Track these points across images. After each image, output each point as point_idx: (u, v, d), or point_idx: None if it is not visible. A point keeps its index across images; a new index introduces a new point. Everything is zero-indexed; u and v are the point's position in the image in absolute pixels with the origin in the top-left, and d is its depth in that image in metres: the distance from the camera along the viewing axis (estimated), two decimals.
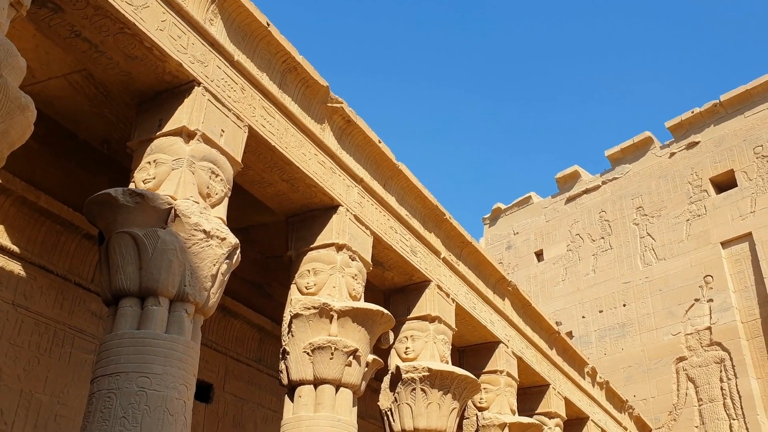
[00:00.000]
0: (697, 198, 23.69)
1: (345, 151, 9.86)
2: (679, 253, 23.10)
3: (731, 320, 20.73)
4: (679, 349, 21.43)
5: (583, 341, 23.78)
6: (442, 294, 11.61)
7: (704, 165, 24.10)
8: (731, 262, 21.93)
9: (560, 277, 26.20)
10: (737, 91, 24.04)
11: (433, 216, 11.98)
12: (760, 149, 22.82)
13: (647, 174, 25.70)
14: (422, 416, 10.10)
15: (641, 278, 23.67)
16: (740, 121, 23.86)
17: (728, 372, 20.09)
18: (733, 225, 22.26)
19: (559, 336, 15.92)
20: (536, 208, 28.99)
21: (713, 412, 19.88)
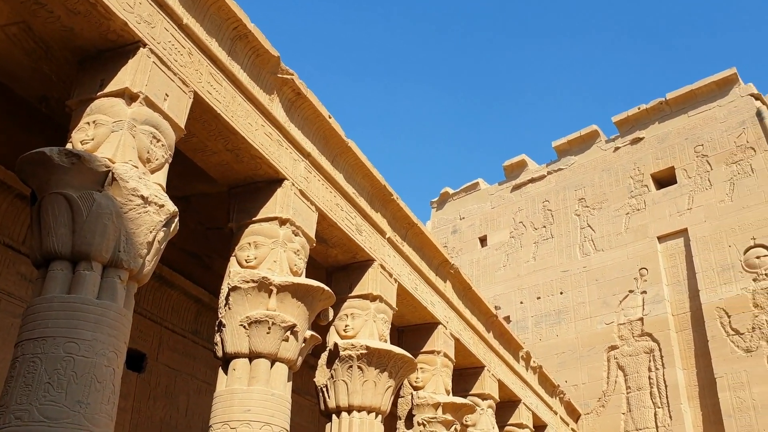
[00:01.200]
0: (638, 192, 24.33)
1: (293, 125, 9.73)
2: (617, 246, 23.73)
3: (662, 312, 21.45)
4: (612, 338, 22.10)
5: (520, 326, 24.29)
6: (385, 274, 11.64)
7: (647, 161, 24.74)
8: (666, 256, 22.64)
9: (502, 263, 26.63)
10: (683, 90, 24.70)
11: (380, 195, 11.96)
12: (701, 148, 23.53)
13: (591, 166, 26.25)
14: (357, 393, 10.15)
15: (579, 268, 24.25)
16: (684, 120, 24.55)
17: (656, 362, 20.82)
18: (670, 221, 22.96)
19: (496, 320, 16.19)
20: (483, 195, 29.33)
21: (640, 399, 20.61)
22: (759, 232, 20.67)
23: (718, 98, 24.07)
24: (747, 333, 19.41)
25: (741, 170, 22.22)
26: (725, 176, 22.45)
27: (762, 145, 22.07)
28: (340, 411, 10.19)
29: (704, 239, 21.72)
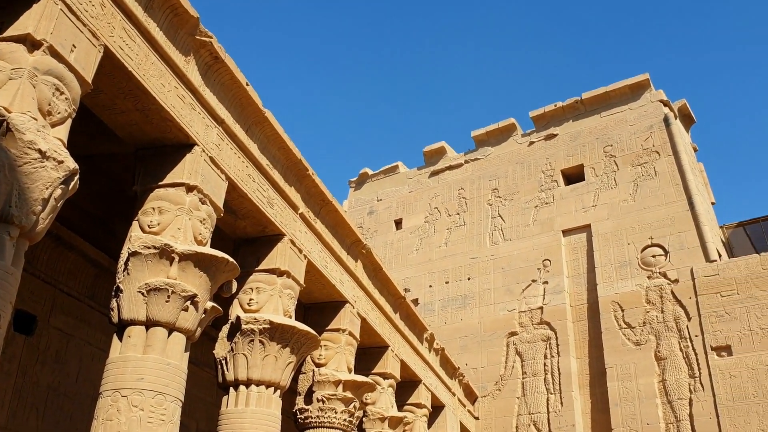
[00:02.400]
0: (548, 187, 25.12)
1: (209, 89, 9.44)
2: (525, 236, 24.47)
3: (561, 303, 22.32)
4: (513, 324, 22.83)
5: (427, 309, 24.72)
6: (295, 249, 11.54)
7: (558, 157, 25.55)
8: (569, 249, 23.52)
9: (415, 247, 26.97)
10: (597, 91, 25.58)
11: (295, 169, 11.81)
12: (610, 149, 24.48)
13: (507, 158, 26.88)
14: (257, 367, 10.06)
15: (487, 255, 24.88)
16: (596, 119, 25.45)
17: (553, 350, 21.67)
18: (576, 216, 23.84)
19: (404, 301, 16.40)
20: (401, 178, 29.53)
21: (534, 385, 21.44)
22: (657, 232, 21.75)
23: (630, 102, 25.06)
24: (638, 327, 20.45)
25: (645, 172, 23.26)
26: (630, 177, 23.46)
27: (666, 149, 23.16)
28: (239, 384, 10.07)
29: (605, 236, 22.68)
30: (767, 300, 18.72)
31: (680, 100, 25.34)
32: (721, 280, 19.65)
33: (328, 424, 12.23)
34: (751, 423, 17.55)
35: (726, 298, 19.36)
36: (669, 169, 22.81)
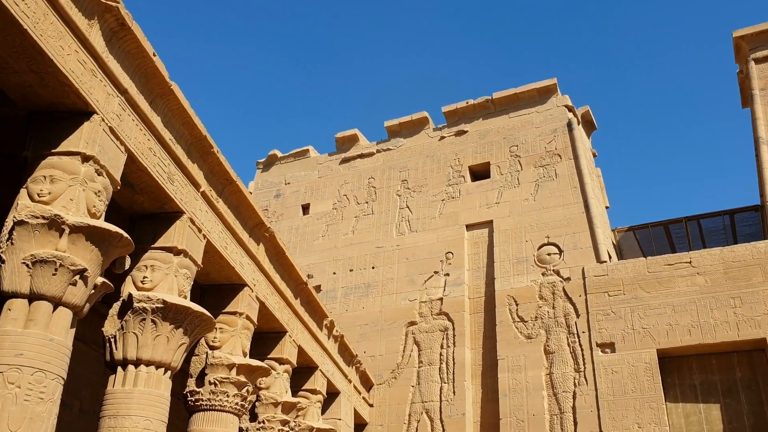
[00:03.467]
0: (455, 182, 25.64)
1: (113, 57, 9.04)
2: (430, 229, 24.90)
3: (460, 295, 22.89)
4: (412, 314, 23.22)
5: (330, 296, 24.76)
6: (194, 228, 11.26)
7: (467, 153, 26.12)
8: (471, 243, 24.12)
9: (321, 233, 26.90)
10: (508, 92, 26.29)
11: (199, 146, 11.52)
12: (516, 149, 25.24)
13: (417, 151, 27.23)
14: (148, 347, 9.77)
15: (393, 245, 25.16)
16: (504, 120, 26.17)
17: (449, 340, 22.20)
18: (479, 211, 24.47)
19: (306, 287, 16.34)
20: (311, 163, 29.35)
21: (429, 374, 21.91)
22: (553, 231, 22.64)
23: (537, 105, 25.90)
24: (530, 321, 21.25)
25: (546, 174, 24.13)
26: (532, 177, 24.28)
27: (567, 153, 24.10)
28: (127, 363, 9.75)
29: (506, 232, 23.40)
30: (650, 301, 19.84)
31: (584, 107, 26.41)
32: (610, 281, 20.69)
33: (219, 407, 12.05)
34: (628, 417, 18.62)
35: (613, 297, 20.40)
36: (569, 172, 23.76)
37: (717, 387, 19.00)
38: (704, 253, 20.03)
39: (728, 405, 18.68)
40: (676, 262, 20.21)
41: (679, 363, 19.51)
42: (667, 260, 20.38)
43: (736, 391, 18.75)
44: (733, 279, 19.24)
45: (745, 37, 23.45)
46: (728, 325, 18.71)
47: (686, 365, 19.48)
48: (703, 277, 19.64)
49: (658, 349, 19.18)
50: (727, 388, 18.87)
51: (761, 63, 22.99)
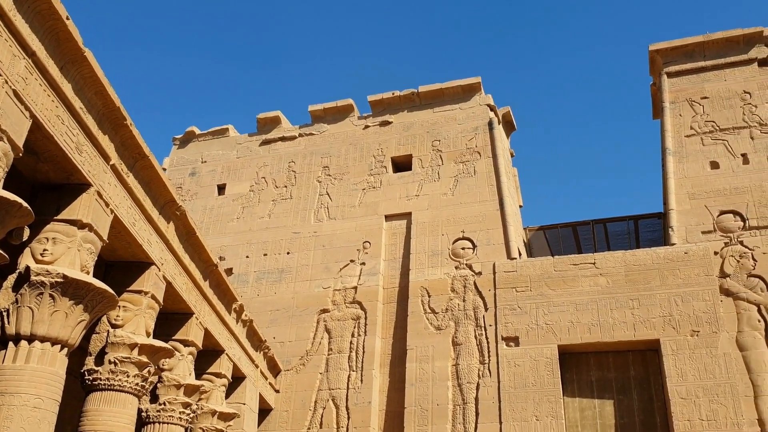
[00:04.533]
0: (377, 172, 25.73)
1: (21, 15, 8.55)
2: (349, 217, 24.90)
3: (375, 285, 23.02)
4: (325, 301, 23.18)
5: (241, 279, 24.39)
6: (101, 202, 10.84)
7: (390, 144, 26.25)
8: (389, 234, 24.29)
9: (236, 215, 26.44)
10: (433, 86, 26.55)
11: (112, 117, 11.08)
12: (438, 143, 25.55)
13: (341, 138, 27.14)
14: (44, 323, 9.35)
15: (310, 232, 25.02)
16: (429, 114, 26.44)
17: (360, 329, 22.31)
18: (399, 203, 24.66)
19: (216, 269, 16.03)
20: (230, 142, 28.77)
21: (338, 362, 21.96)
22: (468, 227, 23.08)
23: (461, 101, 26.29)
24: (441, 313, 21.62)
25: (466, 170, 24.56)
26: (452, 173, 24.66)
27: (487, 152, 24.60)
28: (20, 339, 9.31)
29: (423, 225, 23.69)
30: (555, 299, 20.55)
31: (505, 108, 26.99)
32: (518, 277, 21.30)
33: (118, 387, 11.68)
34: (527, 409, 19.27)
35: (520, 293, 21.02)
36: (487, 170, 24.27)
37: (612, 384, 19.91)
38: (608, 256, 20.90)
39: (621, 401, 19.62)
40: (581, 263, 21.00)
41: (578, 359, 20.33)
42: (573, 260, 21.16)
43: (629, 388, 19.71)
44: (633, 281, 20.17)
45: (660, 51, 24.52)
46: (626, 326, 19.62)
47: (584, 362, 20.32)
48: (605, 278, 20.50)
49: (559, 345, 19.91)
50: (621, 385, 19.81)
51: (673, 77, 24.11)
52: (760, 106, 22.47)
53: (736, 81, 23.28)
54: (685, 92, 23.68)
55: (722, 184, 21.39)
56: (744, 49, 23.68)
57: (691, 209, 21.24)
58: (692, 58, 24.18)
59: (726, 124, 22.52)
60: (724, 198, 21.09)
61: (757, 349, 18.49)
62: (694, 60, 24.12)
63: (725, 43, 23.84)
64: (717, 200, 21.13)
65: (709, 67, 23.81)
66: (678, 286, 19.72)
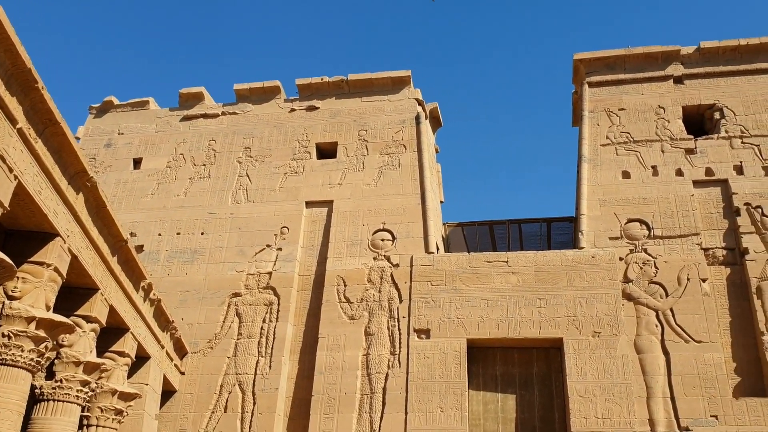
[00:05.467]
0: (300, 157, 25.45)
1: None
2: (268, 201, 24.53)
3: (290, 271, 22.79)
4: (238, 285, 22.78)
5: (152, 258, 23.65)
6: (4, 167, 10.24)
7: (316, 129, 26.01)
8: (309, 221, 24.08)
9: (151, 191, 25.59)
10: (363, 76, 26.47)
11: (22, 79, 10.47)
12: (364, 133, 25.52)
13: (265, 120, 26.68)
14: None
15: (227, 213, 24.50)
16: (357, 102, 26.35)
17: (273, 315, 22.04)
18: (321, 190, 24.49)
19: (125, 245, 15.46)
20: (150, 115, 27.80)
21: (247, 347, 21.64)
22: (389, 218, 23.19)
23: (390, 93, 26.33)
24: (356, 303, 21.65)
25: (390, 162, 24.64)
26: (377, 163, 24.69)
27: (412, 145, 24.76)
28: None
29: (344, 214, 23.63)
30: (468, 294, 20.93)
31: (433, 103, 27.21)
32: (434, 271, 21.58)
33: (10, 362, 11.09)
34: (432, 401, 19.57)
35: (435, 287, 21.30)
36: (411, 163, 24.43)
37: (516, 379, 20.50)
38: (520, 255, 21.46)
39: (523, 396, 20.23)
40: (494, 260, 21.48)
41: (485, 354, 20.81)
42: (488, 257, 21.61)
43: (531, 384, 20.35)
44: (542, 281, 20.80)
45: (584, 61, 25.29)
46: (532, 323, 20.22)
47: (491, 356, 20.83)
48: (516, 277, 21.04)
49: (468, 339, 20.32)
50: (524, 381, 20.43)
51: (594, 87, 24.93)
52: (673, 122, 23.55)
53: (652, 95, 24.31)
54: (604, 102, 24.54)
55: (632, 193, 22.31)
56: (662, 65, 24.74)
57: (600, 215, 22.06)
58: (613, 70, 25.07)
59: (640, 136, 23.49)
60: (633, 207, 22.02)
61: (652, 353, 19.44)
62: (615, 72, 25.01)
63: (645, 58, 24.83)
64: (626, 208, 22.04)
65: (629, 80, 24.75)
66: (584, 288, 20.47)
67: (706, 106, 23.88)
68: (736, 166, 22.20)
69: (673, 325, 19.71)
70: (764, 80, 23.78)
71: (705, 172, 22.32)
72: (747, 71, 24.02)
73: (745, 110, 23.28)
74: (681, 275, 20.38)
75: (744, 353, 19.37)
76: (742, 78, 23.99)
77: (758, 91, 23.56)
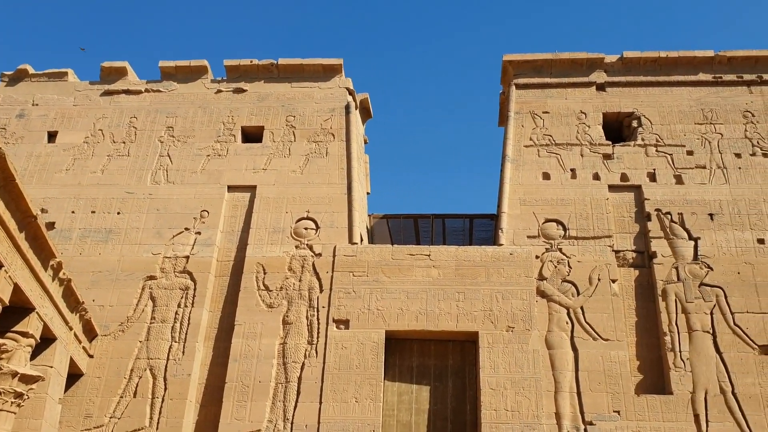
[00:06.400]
0: (225, 139, 24.92)
1: None
2: (189, 183, 23.91)
3: (209, 256, 22.29)
4: (154, 268, 22.12)
5: (64, 236, 22.66)
6: None
7: (242, 112, 25.53)
8: (230, 205, 23.62)
9: (66, 166, 24.51)
10: (294, 61, 26.14)
11: None
12: (293, 119, 25.23)
13: (190, 100, 25.98)
14: None
15: (145, 193, 23.74)
16: (286, 87, 26.02)
17: (188, 300, 21.52)
18: (245, 174, 24.05)
19: (35, 221, 14.74)
20: (68, 88, 26.60)
21: (161, 331, 21.05)
22: (314, 207, 23.03)
23: (320, 80, 26.13)
24: (275, 291, 21.40)
25: (318, 150, 24.46)
26: (304, 151, 24.46)
27: (341, 135, 24.66)
28: None
29: (268, 200, 23.31)
30: (389, 286, 21.04)
31: (364, 94, 27.16)
32: (357, 262, 21.59)
33: None
34: (348, 391, 19.61)
35: (357, 278, 21.32)
36: (339, 152, 24.33)
37: (431, 371, 20.80)
38: (442, 249, 21.75)
39: (437, 388, 20.55)
40: (417, 253, 21.68)
41: (402, 345, 21.00)
42: (410, 250, 21.79)
43: (446, 376, 20.69)
44: (462, 276, 21.14)
45: (513, 63, 25.81)
46: (450, 316, 20.54)
47: (408, 348, 21.05)
48: (437, 270, 21.32)
49: (387, 330, 20.44)
50: (439, 373, 20.75)
51: (521, 89, 25.48)
52: (593, 128, 24.34)
53: (575, 101, 25.05)
54: (530, 105, 25.13)
55: (551, 194, 22.96)
56: (586, 72, 25.52)
57: (520, 214, 22.61)
58: (540, 74, 25.69)
59: (561, 139, 24.17)
60: (551, 207, 22.66)
61: (562, 349, 20.10)
62: (542, 75, 25.64)
63: (571, 64, 25.55)
64: (544, 208, 22.66)
65: (554, 84, 25.42)
66: (501, 284, 20.94)
67: (625, 113, 24.81)
68: (650, 174, 23.16)
69: (582, 322, 20.44)
70: (680, 92, 24.90)
71: (620, 178, 23.19)
72: (665, 83, 25.09)
73: (661, 120, 24.32)
74: (592, 275, 21.15)
75: (647, 352, 20.29)
76: (660, 89, 25.04)
77: (674, 103, 24.65)
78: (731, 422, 18.83)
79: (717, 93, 24.78)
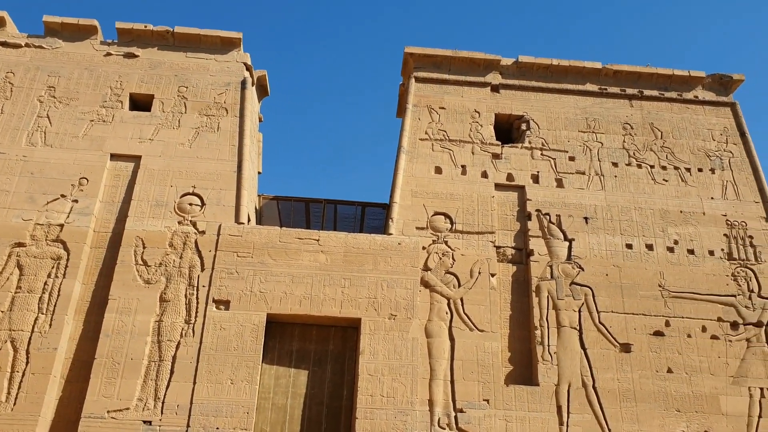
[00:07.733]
0: (111, 105, 23.71)
1: None
2: (69, 148, 22.59)
3: (85, 226, 21.17)
4: (23, 235, 20.74)
5: None
6: None
7: (132, 79, 24.36)
8: (112, 175, 22.52)
9: None
10: (191, 30, 25.20)
11: None
12: (185, 90, 24.35)
13: (76, 60, 24.52)
14: None
15: (19, 155, 22.20)
16: (181, 57, 25.06)
17: (60, 270, 20.37)
18: (130, 143, 23.00)
19: None
20: None
21: (26, 302, 19.79)
22: (201, 183, 22.36)
23: (217, 53, 25.35)
24: (154, 267, 20.64)
25: (209, 124, 23.74)
26: (195, 124, 23.67)
27: (235, 111, 24.05)
28: None
29: (152, 172, 22.41)
30: (274, 269, 20.79)
31: (261, 71, 26.62)
32: (242, 242, 21.18)
33: None
34: (224, 372, 19.24)
35: (241, 258, 20.92)
36: (231, 128, 23.73)
37: (310, 355, 20.78)
38: (332, 235, 21.73)
39: (315, 372, 20.57)
40: (306, 237, 21.55)
41: (283, 329, 20.85)
42: (299, 234, 21.62)
43: (325, 361, 20.74)
44: (349, 262, 21.22)
45: (414, 55, 26.09)
46: (334, 302, 20.58)
47: (289, 332, 20.92)
48: (325, 256, 21.28)
49: (269, 313, 20.21)
50: (319, 358, 20.76)
51: (420, 82, 25.81)
52: (485, 127, 25.06)
53: (470, 99, 25.68)
54: (427, 99, 25.52)
55: (441, 188, 23.46)
56: (483, 72, 26.21)
57: (411, 205, 22.97)
58: (439, 69, 26.13)
59: (455, 135, 24.73)
60: (440, 201, 23.17)
61: (440, 338, 20.66)
62: (441, 71, 26.09)
63: (469, 63, 26.15)
64: (434, 202, 23.13)
65: (452, 81, 25.94)
66: (387, 272, 21.20)
67: (516, 116, 25.70)
68: (534, 175, 24.15)
69: (461, 313, 21.09)
70: (568, 100, 26.09)
71: (506, 177, 24.03)
72: (555, 90, 26.19)
73: (548, 125, 25.39)
74: (474, 268, 21.84)
75: (519, 344, 21.22)
76: (550, 95, 26.11)
77: (561, 110, 25.80)
78: (590, 414, 20.06)
79: (601, 104, 26.17)
